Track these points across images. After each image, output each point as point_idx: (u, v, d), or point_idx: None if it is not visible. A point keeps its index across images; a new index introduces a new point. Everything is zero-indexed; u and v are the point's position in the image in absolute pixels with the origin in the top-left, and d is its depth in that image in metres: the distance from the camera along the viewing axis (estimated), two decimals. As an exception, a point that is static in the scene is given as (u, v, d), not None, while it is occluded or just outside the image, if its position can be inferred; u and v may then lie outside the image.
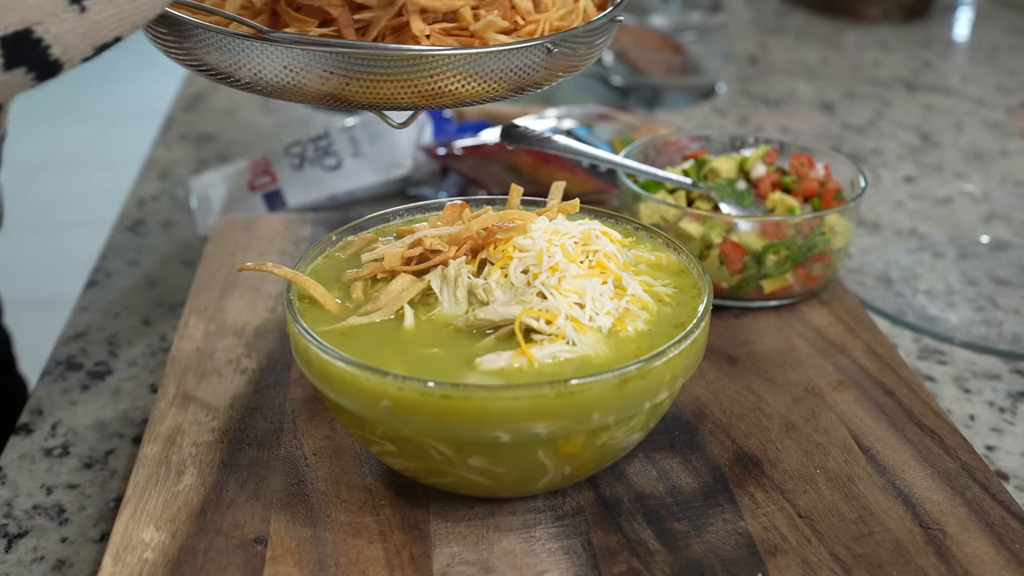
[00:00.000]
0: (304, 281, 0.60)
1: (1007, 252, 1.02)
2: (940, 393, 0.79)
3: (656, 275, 0.64)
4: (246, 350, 0.76)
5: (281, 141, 1.27)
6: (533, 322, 0.56)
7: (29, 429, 0.73)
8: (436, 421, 0.52)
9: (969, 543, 0.58)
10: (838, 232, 0.81)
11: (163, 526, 0.58)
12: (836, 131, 1.38)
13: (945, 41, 1.90)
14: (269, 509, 0.60)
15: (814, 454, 0.65)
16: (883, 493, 0.62)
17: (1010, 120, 1.44)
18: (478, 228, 0.60)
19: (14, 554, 0.62)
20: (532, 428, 0.52)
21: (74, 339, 0.85)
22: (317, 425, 0.67)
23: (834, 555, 0.57)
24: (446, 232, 0.62)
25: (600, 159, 0.81)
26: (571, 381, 0.51)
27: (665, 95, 1.67)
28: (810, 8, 2.05)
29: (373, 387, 0.52)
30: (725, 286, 0.81)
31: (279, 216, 0.98)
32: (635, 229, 0.69)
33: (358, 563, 0.56)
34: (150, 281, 0.95)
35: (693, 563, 0.56)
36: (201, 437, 0.66)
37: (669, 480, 0.62)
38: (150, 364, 0.82)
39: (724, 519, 0.59)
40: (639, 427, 0.57)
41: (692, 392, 0.71)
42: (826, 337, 0.78)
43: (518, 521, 0.59)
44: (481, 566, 0.56)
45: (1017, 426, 0.75)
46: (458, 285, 0.59)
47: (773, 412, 0.69)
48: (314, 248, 0.65)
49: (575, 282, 0.58)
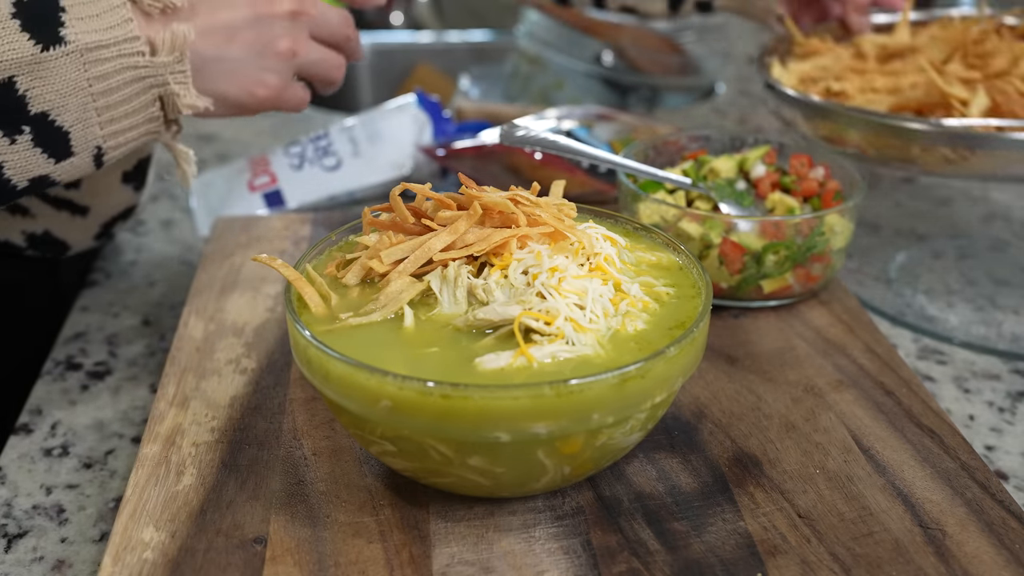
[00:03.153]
0: (303, 285, 0.60)
1: (1007, 252, 1.02)
2: (939, 393, 0.79)
3: (656, 275, 0.64)
4: (246, 350, 0.76)
5: (281, 141, 1.27)
6: (532, 323, 0.56)
7: (28, 429, 0.73)
8: (436, 421, 0.52)
9: (968, 543, 0.58)
10: (837, 232, 0.81)
11: (163, 526, 0.58)
12: (836, 131, 1.38)
13: (945, 41, 1.89)
14: (269, 509, 0.60)
15: (813, 454, 0.65)
16: (882, 493, 0.62)
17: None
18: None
19: (14, 554, 0.62)
20: (532, 428, 0.52)
21: (74, 339, 0.85)
22: (317, 425, 0.67)
23: (834, 555, 0.57)
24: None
25: (600, 159, 0.81)
26: (571, 381, 0.51)
27: (665, 95, 1.67)
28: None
29: (373, 387, 0.52)
30: (724, 286, 0.81)
31: (279, 216, 0.98)
32: (634, 229, 0.69)
33: (358, 563, 0.56)
34: (150, 281, 0.95)
35: (693, 563, 0.56)
36: (201, 437, 0.66)
37: (669, 480, 0.62)
38: (150, 364, 0.82)
39: (724, 519, 0.59)
40: (639, 427, 0.57)
41: (692, 392, 0.71)
42: (826, 337, 0.78)
43: (518, 521, 0.59)
44: (481, 566, 0.56)
45: (1016, 426, 0.75)
46: (458, 285, 0.59)
47: (773, 412, 0.69)
48: (314, 248, 0.65)
49: (575, 283, 0.58)
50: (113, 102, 0.67)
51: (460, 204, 0.62)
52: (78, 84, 0.65)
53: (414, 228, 0.62)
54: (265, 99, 0.74)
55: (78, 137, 0.67)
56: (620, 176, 0.85)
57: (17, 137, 0.65)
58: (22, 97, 0.64)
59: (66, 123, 0.66)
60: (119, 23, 0.66)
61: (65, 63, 0.65)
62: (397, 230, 0.62)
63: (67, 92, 0.65)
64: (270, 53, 0.73)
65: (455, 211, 0.61)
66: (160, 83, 0.69)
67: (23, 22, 0.64)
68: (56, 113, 0.66)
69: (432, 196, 0.62)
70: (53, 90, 0.65)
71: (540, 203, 0.62)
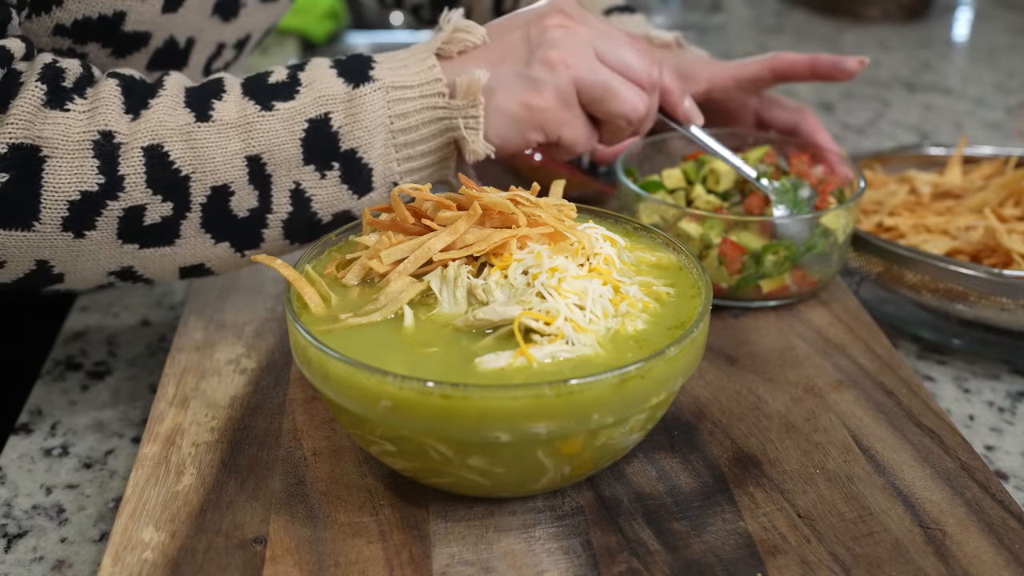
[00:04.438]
0: (303, 285, 0.60)
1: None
2: (939, 393, 0.79)
3: (656, 275, 0.64)
4: (246, 350, 0.76)
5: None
6: (532, 323, 0.56)
7: (28, 429, 0.73)
8: (435, 421, 0.52)
9: (968, 543, 0.58)
10: (836, 232, 0.81)
11: (162, 526, 0.58)
12: (836, 131, 1.38)
13: (945, 41, 1.90)
14: (268, 509, 0.60)
15: (813, 454, 0.65)
16: (882, 493, 0.62)
17: (1010, 120, 1.44)
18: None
19: (13, 554, 0.62)
20: (531, 428, 0.52)
21: (73, 339, 0.85)
22: (317, 425, 0.67)
23: (833, 555, 0.57)
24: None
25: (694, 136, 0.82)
26: (570, 381, 0.51)
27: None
28: (809, 8, 2.05)
29: (373, 387, 0.52)
30: (724, 286, 0.81)
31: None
32: (634, 229, 0.69)
33: (357, 563, 0.56)
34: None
35: (692, 563, 0.56)
36: (200, 437, 0.66)
37: (669, 480, 0.62)
38: (150, 364, 0.82)
39: (724, 519, 0.59)
40: (638, 427, 0.57)
41: (692, 392, 0.71)
42: (825, 337, 0.78)
43: (517, 521, 0.59)
44: (480, 566, 0.56)
45: (1016, 426, 0.75)
46: (458, 285, 0.59)
47: (772, 412, 0.69)
48: (314, 248, 0.65)
49: (575, 283, 0.58)
50: (411, 140, 0.70)
51: (460, 204, 0.62)
52: (382, 121, 0.68)
53: (414, 228, 0.62)
54: (540, 110, 0.70)
55: (380, 173, 0.70)
56: (620, 176, 0.85)
57: (327, 172, 0.68)
58: (335, 134, 0.68)
59: (371, 160, 0.69)
60: (423, 69, 0.70)
61: (372, 99, 0.68)
62: (397, 230, 0.62)
63: (373, 128, 0.68)
64: (538, 60, 0.70)
65: (455, 211, 0.61)
66: (454, 127, 0.70)
67: (339, 71, 0.69)
68: (363, 150, 0.69)
69: (432, 197, 0.62)
70: (362, 127, 0.68)
71: (540, 203, 0.62)
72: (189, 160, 0.65)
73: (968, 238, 0.86)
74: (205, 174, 0.66)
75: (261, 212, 0.68)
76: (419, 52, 0.71)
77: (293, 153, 0.67)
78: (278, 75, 0.69)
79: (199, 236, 0.68)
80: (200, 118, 0.66)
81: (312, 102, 0.68)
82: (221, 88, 0.68)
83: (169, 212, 0.66)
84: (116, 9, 0.71)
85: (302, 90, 0.68)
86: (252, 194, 0.67)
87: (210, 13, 0.80)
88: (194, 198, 0.66)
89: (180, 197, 0.65)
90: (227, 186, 0.66)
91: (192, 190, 0.66)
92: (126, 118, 0.64)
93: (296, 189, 0.68)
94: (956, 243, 0.86)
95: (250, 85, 0.68)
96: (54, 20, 0.69)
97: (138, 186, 0.64)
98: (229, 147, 0.66)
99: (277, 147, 0.67)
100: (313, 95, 0.68)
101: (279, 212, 0.69)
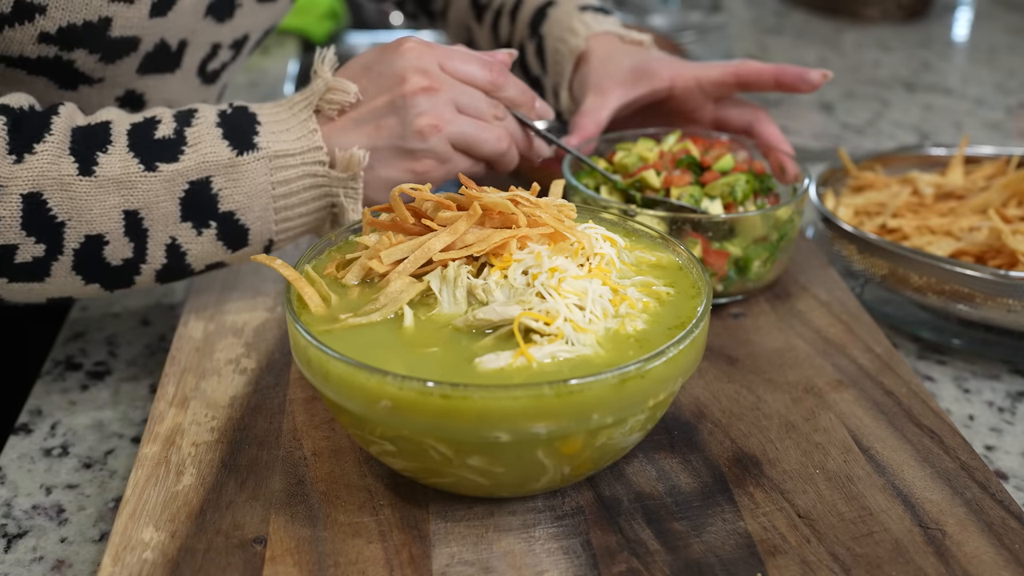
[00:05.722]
0: (303, 285, 0.60)
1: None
2: (939, 393, 0.79)
3: (655, 275, 0.64)
4: (246, 350, 0.76)
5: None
6: (532, 323, 0.56)
7: (28, 429, 0.73)
8: (435, 421, 0.52)
9: (968, 543, 0.58)
10: (793, 222, 0.82)
11: (162, 526, 0.58)
12: (835, 131, 1.38)
13: (944, 41, 1.90)
14: (268, 509, 0.60)
15: (813, 454, 0.65)
16: (882, 493, 0.62)
17: (1010, 120, 1.44)
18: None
19: (13, 554, 0.62)
20: (531, 428, 0.52)
21: (73, 339, 0.85)
22: (317, 425, 0.67)
23: (833, 555, 0.57)
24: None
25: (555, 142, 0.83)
26: (570, 381, 0.51)
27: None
28: (809, 8, 2.05)
29: (373, 387, 0.52)
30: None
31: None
32: (634, 229, 0.69)
33: (357, 563, 0.56)
34: (150, 281, 0.95)
35: (692, 563, 0.56)
36: (200, 437, 0.66)
37: (668, 480, 0.62)
38: (150, 364, 0.82)
39: (723, 519, 0.59)
40: (638, 427, 0.58)
41: (691, 392, 0.71)
42: (825, 337, 0.78)
43: (517, 521, 0.59)
44: (480, 566, 0.56)
45: (1016, 426, 0.75)
46: (457, 285, 0.59)
47: (772, 412, 0.69)
48: (314, 248, 0.65)
49: (575, 283, 0.58)
50: (290, 204, 0.73)
51: (460, 205, 0.62)
52: (264, 187, 0.71)
53: (414, 228, 0.62)
54: (423, 173, 0.75)
55: (256, 232, 0.72)
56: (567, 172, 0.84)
57: (204, 230, 0.71)
58: (215, 196, 0.70)
59: (248, 222, 0.72)
60: (305, 134, 0.72)
61: (255, 167, 0.70)
62: (397, 230, 0.62)
63: (253, 194, 0.71)
64: (411, 133, 0.73)
65: (455, 212, 0.61)
66: (333, 195, 0.73)
67: (225, 131, 0.71)
68: (241, 213, 0.71)
69: (432, 197, 0.62)
70: (242, 192, 0.70)
71: (540, 203, 0.62)
72: (66, 209, 0.67)
73: (972, 239, 0.86)
74: (81, 223, 0.67)
75: (135, 262, 0.70)
76: (299, 112, 0.73)
77: (171, 211, 0.70)
78: (165, 128, 0.70)
79: (69, 276, 0.70)
80: (83, 171, 0.67)
81: (195, 166, 0.69)
82: (108, 138, 0.69)
83: (41, 253, 0.67)
84: (101, 15, 0.71)
85: (187, 151, 0.69)
86: (127, 245, 0.69)
87: (203, 15, 0.80)
88: (67, 243, 0.68)
89: (53, 241, 0.67)
90: (102, 236, 0.68)
91: (66, 236, 0.67)
92: (8, 159, 0.65)
93: (172, 244, 0.71)
94: (960, 244, 0.86)
95: (136, 138, 0.69)
96: (38, 28, 0.70)
97: (12, 227, 0.66)
98: (108, 201, 0.68)
99: (156, 205, 0.69)
100: (197, 159, 0.69)
101: (153, 263, 0.71)
